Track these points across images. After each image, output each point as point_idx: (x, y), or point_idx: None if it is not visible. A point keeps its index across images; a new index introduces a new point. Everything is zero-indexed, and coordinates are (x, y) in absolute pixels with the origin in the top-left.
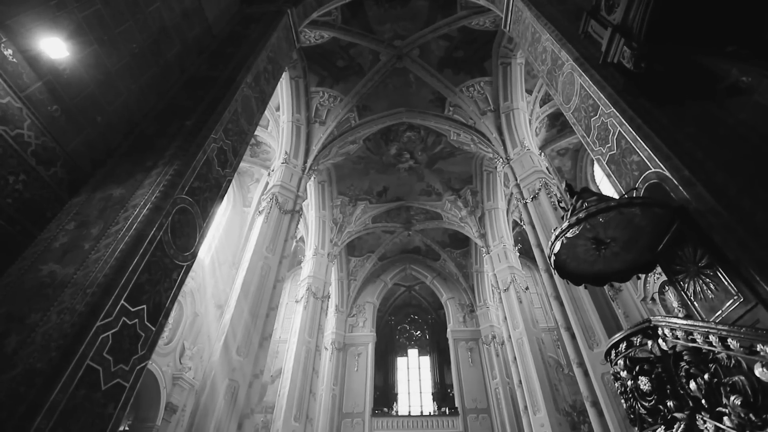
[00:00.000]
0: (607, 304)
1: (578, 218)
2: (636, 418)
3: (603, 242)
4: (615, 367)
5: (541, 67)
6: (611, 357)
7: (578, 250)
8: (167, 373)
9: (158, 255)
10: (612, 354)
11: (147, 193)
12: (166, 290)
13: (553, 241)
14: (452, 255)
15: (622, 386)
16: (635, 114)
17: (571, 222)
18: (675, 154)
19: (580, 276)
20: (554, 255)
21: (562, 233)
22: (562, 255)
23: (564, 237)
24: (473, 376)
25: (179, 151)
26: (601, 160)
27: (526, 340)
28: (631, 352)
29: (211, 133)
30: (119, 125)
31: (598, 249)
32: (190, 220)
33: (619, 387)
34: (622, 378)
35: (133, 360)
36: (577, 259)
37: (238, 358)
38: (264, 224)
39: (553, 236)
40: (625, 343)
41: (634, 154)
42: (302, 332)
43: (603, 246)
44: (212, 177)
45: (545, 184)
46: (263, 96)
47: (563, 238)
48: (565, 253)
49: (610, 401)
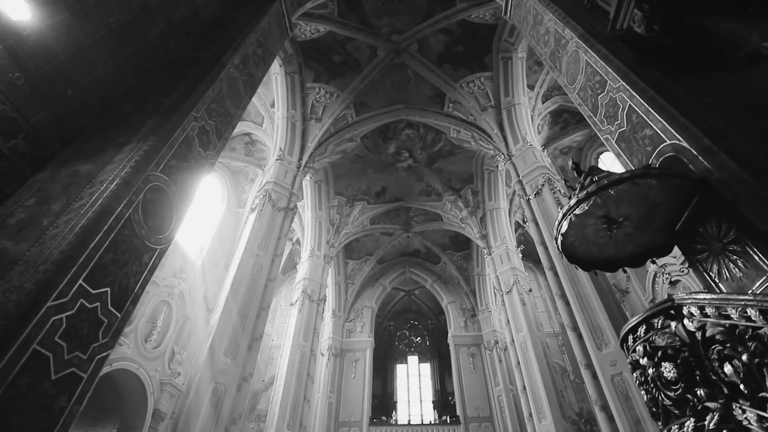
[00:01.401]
0: (616, 302)
1: (587, 192)
2: (660, 411)
3: (615, 221)
4: (633, 355)
5: (543, 49)
6: (628, 344)
7: (587, 231)
8: (155, 379)
9: (126, 234)
10: (629, 340)
11: (116, 169)
12: (135, 274)
13: (560, 221)
14: (453, 258)
15: (642, 376)
16: (647, 85)
17: (580, 197)
18: (693, 123)
19: (589, 261)
20: (561, 236)
21: (570, 210)
22: (570, 237)
23: (572, 214)
24: (475, 383)
25: (156, 127)
26: (609, 139)
27: (530, 344)
28: (652, 335)
29: (192, 111)
30: (93, 102)
31: (610, 229)
32: (165, 201)
33: (637, 377)
34: (642, 366)
35: (92, 348)
36: (586, 241)
37: (225, 360)
38: (256, 221)
39: (559, 215)
40: (644, 327)
41: (646, 128)
42: (297, 336)
43: (615, 226)
44: (192, 157)
45: (548, 180)
46: (252, 80)
47: (571, 216)
48: (573, 235)
49: (620, 404)
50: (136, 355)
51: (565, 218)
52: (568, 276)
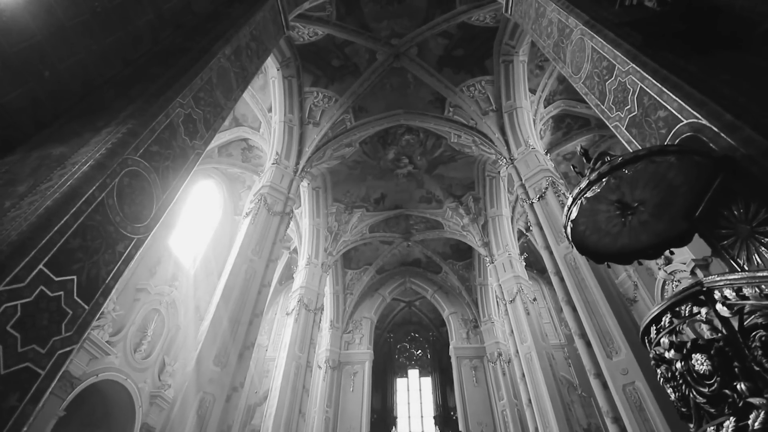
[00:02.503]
0: (625, 308)
1: (599, 173)
2: (691, 411)
3: (629, 207)
4: (656, 349)
5: (546, 42)
6: (650, 336)
7: (599, 219)
8: (144, 391)
9: (98, 219)
10: (651, 332)
11: (91, 151)
12: (107, 263)
13: (569, 206)
14: (454, 267)
15: (668, 371)
16: (658, 65)
17: (591, 179)
18: (712, 99)
19: (601, 253)
20: (571, 223)
21: (581, 193)
22: (580, 225)
23: (583, 198)
24: (478, 397)
25: (138, 112)
26: (619, 126)
27: (535, 355)
28: (679, 325)
29: (177, 96)
30: (73, 86)
31: (624, 215)
32: (145, 188)
33: (663, 374)
34: (668, 360)
35: (53, 342)
36: (598, 230)
37: (215, 368)
38: (251, 225)
39: (569, 200)
40: (669, 315)
41: (659, 110)
42: (292, 346)
43: (629, 212)
44: (177, 145)
45: (552, 183)
46: (245, 73)
47: (582, 200)
48: (583, 223)
49: (634, 416)
50: (125, 366)
51: (576, 203)
52: (575, 281)
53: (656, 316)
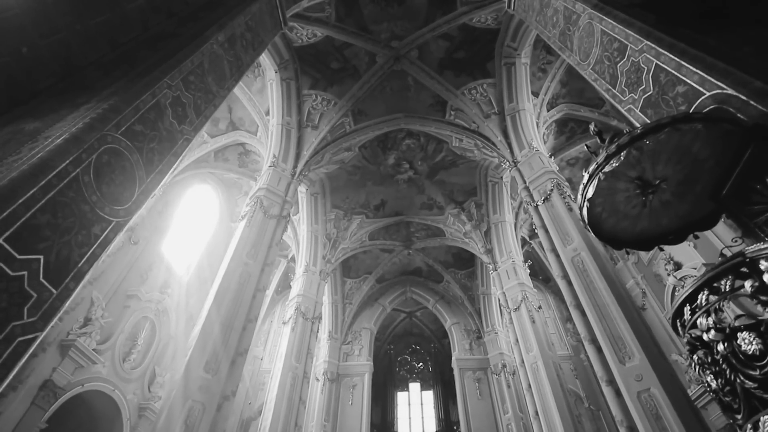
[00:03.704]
0: (637, 312)
1: (619, 145)
2: (739, 399)
3: (650, 185)
4: (692, 332)
5: (552, 32)
6: (683, 319)
7: (617, 199)
8: (133, 402)
9: (71, 196)
10: (684, 313)
11: (67, 126)
12: (80, 245)
13: (585, 183)
14: (456, 276)
15: (708, 356)
16: (675, 40)
17: (610, 152)
18: (737, 68)
19: (619, 238)
20: (587, 202)
21: (598, 168)
22: (597, 206)
23: (600, 173)
24: (482, 411)
25: (121, 89)
26: (633, 109)
27: (541, 365)
28: (719, 302)
29: (165, 77)
30: (53, 65)
31: (644, 194)
32: (127, 168)
33: (700, 360)
34: (707, 343)
35: (11, 327)
36: (615, 212)
37: (206, 375)
38: (246, 228)
39: (585, 177)
40: (707, 292)
41: (678, 86)
42: (289, 357)
43: (650, 190)
44: (163, 127)
45: (557, 185)
46: (239, 63)
47: (599, 176)
48: (600, 204)
49: (650, 425)
50: (112, 376)
51: (592, 179)
52: (584, 284)
53: (690, 295)
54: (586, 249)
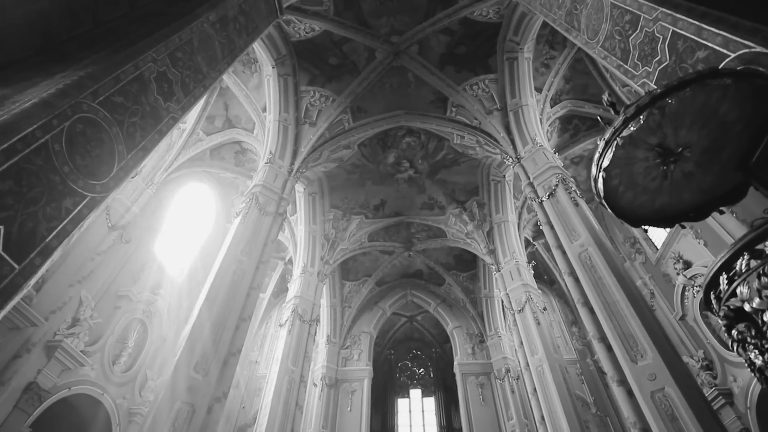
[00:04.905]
0: (648, 308)
1: (638, 106)
2: None
3: (672, 153)
4: (730, 303)
5: (557, 13)
6: (718, 290)
7: (636, 170)
8: (123, 407)
9: (39, 164)
10: (720, 283)
11: (39, 91)
12: (49, 218)
13: (601, 153)
14: (458, 279)
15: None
16: (695, 3)
17: (629, 113)
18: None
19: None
20: (603, 172)
21: (616, 133)
22: (613, 178)
23: (618, 139)
24: (485, 417)
25: (101, 59)
26: (647, 83)
27: (547, 368)
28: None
29: (150, 50)
30: (31, 37)
31: (665, 163)
32: (105, 141)
33: (741, 333)
34: (749, 314)
35: None
36: (633, 185)
37: (195, 375)
38: (240, 225)
39: (600, 145)
40: (747, 256)
41: (698, 51)
42: (285, 360)
43: (672, 159)
44: (147, 102)
45: (563, 180)
46: (231, 46)
47: (616, 142)
48: (617, 176)
49: (665, 426)
50: (101, 379)
51: (609, 146)
52: (592, 280)
53: (727, 261)
54: (593, 244)
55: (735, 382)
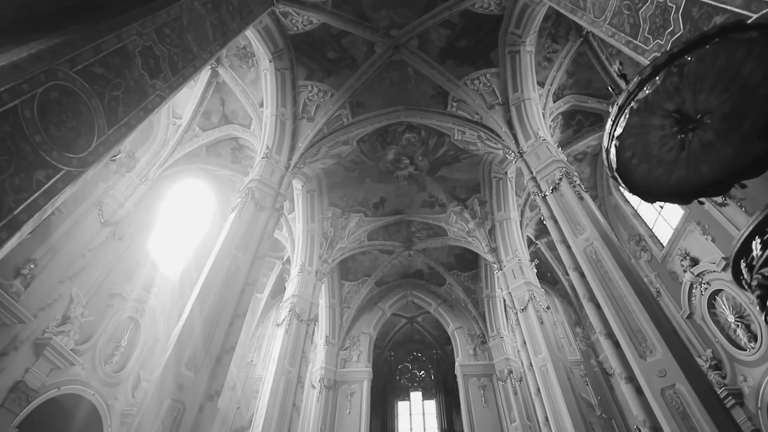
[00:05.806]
0: (656, 303)
1: (654, 66)
2: None
3: (690, 119)
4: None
5: None
6: (750, 257)
7: (651, 140)
8: (114, 408)
9: (6, 130)
10: (753, 251)
11: (7, 56)
12: (17, 190)
13: (614, 120)
14: (459, 279)
15: None
16: None
17: (644, 74)
18: None
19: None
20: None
21: (630, 97)
22: (626, 149)
23: (633, 103)
24: (488, 420)
25: (81, 29)
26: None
27: (551, 368)
28: None
29: (135, 23)
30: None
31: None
32: (83, 112)
33: None
34: None
35: None
36: (648, 157)
37: (187, 373)
38: (236, 219)
39: (613, 111)
40: None
41: (715, 16)
42: (282, 360)
43: (690, 127)
44: (131, 77)
45: (566, 174)
46: (224, 28)
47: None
48: (631, 146)
49: (677, 424)
50: (92, 379)
51: (622, 112)
52: (598, 275)
53: (760, 224)
54: (599, 238)
55: (745, 381)
